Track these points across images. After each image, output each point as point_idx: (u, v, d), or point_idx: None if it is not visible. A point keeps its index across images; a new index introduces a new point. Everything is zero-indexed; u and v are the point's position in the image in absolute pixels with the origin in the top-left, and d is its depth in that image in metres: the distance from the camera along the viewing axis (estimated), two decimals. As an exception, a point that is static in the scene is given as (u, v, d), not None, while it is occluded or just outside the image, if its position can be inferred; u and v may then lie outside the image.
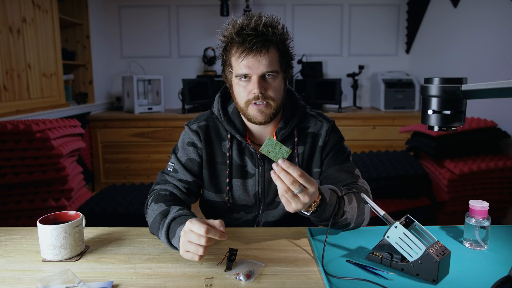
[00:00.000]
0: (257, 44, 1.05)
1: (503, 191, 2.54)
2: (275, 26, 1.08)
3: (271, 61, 1.07)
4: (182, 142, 1.21)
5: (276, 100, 1.10)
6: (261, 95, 1.07)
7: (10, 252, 0.99)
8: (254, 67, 1.06)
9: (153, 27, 4.34)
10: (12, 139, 2.06)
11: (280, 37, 1.09)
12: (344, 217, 1.01)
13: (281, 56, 1.10)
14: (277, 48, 1.09)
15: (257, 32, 1.05)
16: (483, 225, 0.98)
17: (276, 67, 1.08)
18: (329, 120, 1.22)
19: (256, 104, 1.09)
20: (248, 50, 1.05)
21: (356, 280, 0.83)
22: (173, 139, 3.77)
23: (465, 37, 3.18)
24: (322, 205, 0.95)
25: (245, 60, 1.06)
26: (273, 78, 1.09)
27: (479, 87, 0.72)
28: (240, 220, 1.23)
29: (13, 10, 2.66)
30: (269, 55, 1.06)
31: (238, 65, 1.08)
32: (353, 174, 1.17)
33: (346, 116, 3.78)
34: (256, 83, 1.07)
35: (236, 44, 1.07)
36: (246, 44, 1.05)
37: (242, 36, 1.06)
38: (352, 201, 1.04)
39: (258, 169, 1.18)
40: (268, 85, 1.09)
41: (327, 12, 4.32)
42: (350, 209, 1.02)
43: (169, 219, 0.98)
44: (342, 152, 1.21)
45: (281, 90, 1.12)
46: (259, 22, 1.06)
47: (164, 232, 0.97)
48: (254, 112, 1.10)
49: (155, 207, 1.06)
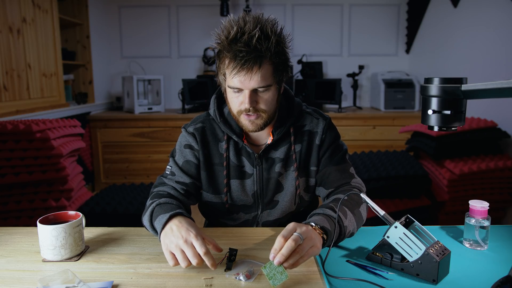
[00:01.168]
0: (249, 61, 1.00)
1: (503, 191, 2.54)
2: (270, 37, 1.02)
3: (263, 77, 1.03)
4: (179, 145, 1.22)
5: (267, 111, 1.09)
6: (252, 109, 1.06)
7: (10, 252, 0.99)
8: (246, 83, 1.03)
9: (153, 27, 4.34)
10: (12, 139, 2.06)
11: (275, 49, 1.03)
12: (347, 231, 1.00)
13: (275, 69, 1.06)
14: (271, 62, 1.04)
15: (249, 48, 0.99)
16: (483, 225, 0.98)
17: (269, 81, 1.05)
18: (325, 117, 1.21)
19: (248, 115, 1.08)
20: (239, 67, 1.01)
21: (356, 280, 0.83)
22: (173, 139, 3.76)
23: (465, 37, 3.18)
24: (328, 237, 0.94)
25: (237, 76, 1.02)
26: (266, 91, 1.06)
27: (479, 87, 0.72)
28: (239, 220, 1.23)
29: (13, 10, 2.66)
30: (262, 71, 1.02)
31: (230, 79, 1.05)
32: (348, 174, 1.17)
33: (346, 116, 3.78)
34: (247, 97, 1.04)
35: (228, 58, 1.04)
36: (238, 60, 1.00)
37: (234, 51, 1.01)
38: (347, 214, 1.02)
39: (256, 169, 1.18)
40: (259, 98, 1.06)
41: (327, 12, 4.32)
42: (348, 221, 1.01)
43: (155, 203, 1.04)
44: (338, 151, 1.20)
45: (274, 100, 1.10)
46: (253, 34, 0.99)
47: (148, 214, 1.03)
48: (245, 122, 1.10)
49: (150, 202, 1.09)
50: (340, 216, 0.99)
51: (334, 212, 0.99)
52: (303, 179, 1.20)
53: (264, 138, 1.20)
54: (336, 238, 0.95)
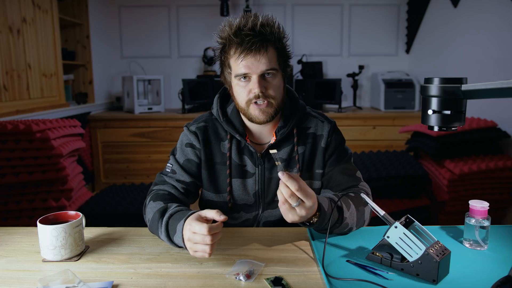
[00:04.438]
0: (256, 43, 1.05)
1: (503, 191, 2.54)
2: (271, 25, 1.09)
3: (270, 60, 1.07)
4: (180, 143, 1.22)
5: (276, 98, 1.11)
6: (262, 94, 1.08)
7: (10, 252, 0.99)
8: (254, 67, 1.06)
9: (153, 27, 4.34)
10: (12, 139, 2.06)
11: (277, 36, 1.10)
12: (345, 222, 1.02)
13: (279, 55, 1.11)
14: (275, 47, 1.09)
15: (255, 32, 1.05)
16: (483, 225, 0.98)
17: (275, 65, 1.09)
18: (330, 121, 1.22)
19: (257, 104, 1.09)
20: (247, 50, 1.05)
21: (356, 281, 0.83)
22: (173, 139, 3.76)
23: (465, 37, 3.18)
24: (321, 216, 0.96)
25: (245, 60, 1.06)
26: (273, 76, 1.10)
27: (479, 87, 0.72)
28: (240, 220, 1.23)
29: (13, 10, 2.66)
30: (268, 54, 1.07)
31: (237, 66, 1.08)
32: (355, 177, 1.17)
33: (346, 116, 3.78)
34: (256, 82, 1.07)
35: (234, 45, 1.08)
36: (245, 44, 1.05)
37: (240, 36, 1.06)
38: (350, 206, 1.04)
39: (258, 168, 1.18)
40: (268, 84, 1.09)
41: (327, 12, 4.32)
42: (349, 214, 1.03)
43: (166, 216, 0.99)
44: (344, 154, 1.21)
45: (281, 88, 1.13)
46: (256, 22, 1.06)
47: (164, 231, 0.98)
48: (255, 112, 1.11)
49: (153, 205, 1.07)
50: (342, 205, 1.02)
51: (337, 199, 1.02)
52: (306, 182, 1.20)
53: (266, 137, 1.20)
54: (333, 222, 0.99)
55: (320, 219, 0.96)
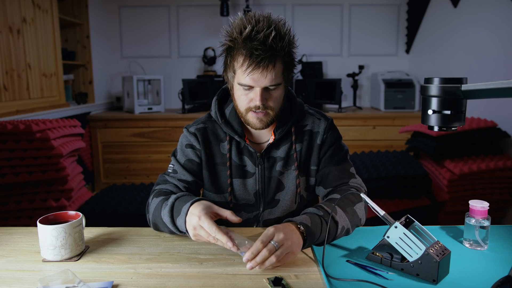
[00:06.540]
0: (265, 60, 1.01)
1: (503, 191, 2.54)
2: (283, 37, 1.04)
3: (276, 75, 1.05)
4: (180, 145, 1.22)
5: (275, 109, 1.11)
6: (262, 106, 1.08)
7: (10, 252, 0.99)
8: (259, 81, 1.04)
9: (153, 27, 4.34)
10: (12, 139, 2.06)
11: (287, 49, 1.06)
12: (340, 226, 1.01)
13: (286, 68, 1.08)
14: (283, 61, 1.06)
15: (265, 46, 1.01)
16: (483, 225, 0.98)
17: (279, 80, 1.07)
18: (327, 118, 1.23)
19: (256, 112, 1.09)
20: (255, 64, 1.02)
21: (356, 281, 0.83)
22: (173, 139, 3.77)
23: (465, 37, 3.18)
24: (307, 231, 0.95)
25: (251, 74, 1.03)
26: (276, 89, 1.09)
27: (479, 87, 0.72)
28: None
29: (13, 10, 2.66)
30: (275, 69, 1.04)
31: (242, 76, 1.05)
32: (348, 174, 1.18)
33: (346, 116, 3.78)
34: (259, 95, 1.06)
35: (242, 55, 1.04)
36: (254, 58, 1.01)
37: (249, 49, 1.01)
38: (337, 212, 1.03)
39: (258, 168, 1.19)
40: (269, 96, 1.09)
41: (327, 12, 4.32)
42: (339, 217, 1.01)
43: (173, 198, 1.04)
44: (340, 151, 1.21)
45: (281, 98, 1.12)
46: (268, 33, 1.01)
47: (168, 211, 1.01)
48: (253, 120, 1.11)
49: (156, 200, 1.09)
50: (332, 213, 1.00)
51: (321, 211, 1.01)
52: (304, 178, 1.21)
53: (265, 137, 1.21)
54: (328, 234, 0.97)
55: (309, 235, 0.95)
